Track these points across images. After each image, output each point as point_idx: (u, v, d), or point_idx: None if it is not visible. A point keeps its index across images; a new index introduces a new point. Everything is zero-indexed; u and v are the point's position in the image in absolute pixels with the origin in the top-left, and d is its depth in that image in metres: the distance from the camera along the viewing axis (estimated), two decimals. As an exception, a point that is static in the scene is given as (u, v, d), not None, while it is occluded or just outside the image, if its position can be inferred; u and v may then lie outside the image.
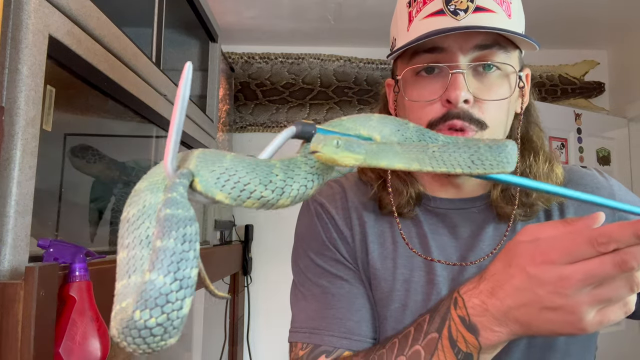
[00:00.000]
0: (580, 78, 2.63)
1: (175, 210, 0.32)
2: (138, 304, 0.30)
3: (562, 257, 0.41)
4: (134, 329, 0.30)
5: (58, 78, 0.79)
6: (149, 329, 0.30)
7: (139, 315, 0.30)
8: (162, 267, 0.30)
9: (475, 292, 0.49)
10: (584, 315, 0.42)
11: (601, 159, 2.42)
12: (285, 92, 2.60)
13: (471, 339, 0.48)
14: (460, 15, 0.60)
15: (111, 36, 0.96)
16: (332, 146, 0.38)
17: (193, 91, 1.78)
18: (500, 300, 0.46)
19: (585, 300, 0.41)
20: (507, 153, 0.40)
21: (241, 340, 2.42)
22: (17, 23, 0.68)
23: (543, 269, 0.42)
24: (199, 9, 1.66)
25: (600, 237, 0.39)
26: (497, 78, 0.63)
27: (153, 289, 0.30)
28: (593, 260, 0.40)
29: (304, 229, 0.74)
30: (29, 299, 0.62)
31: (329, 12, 2.23)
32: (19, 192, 0.67)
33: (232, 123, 2.55)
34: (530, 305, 0.44)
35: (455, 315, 0.50)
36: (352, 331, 0.65)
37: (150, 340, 0.31)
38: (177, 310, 0.31)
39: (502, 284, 0.46)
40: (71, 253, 0.72)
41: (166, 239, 0.31)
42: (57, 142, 0.93)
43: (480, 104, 0.61)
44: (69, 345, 0.67)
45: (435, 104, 0.62)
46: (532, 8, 2.21)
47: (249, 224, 2.48)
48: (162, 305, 0.30)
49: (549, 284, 0.42)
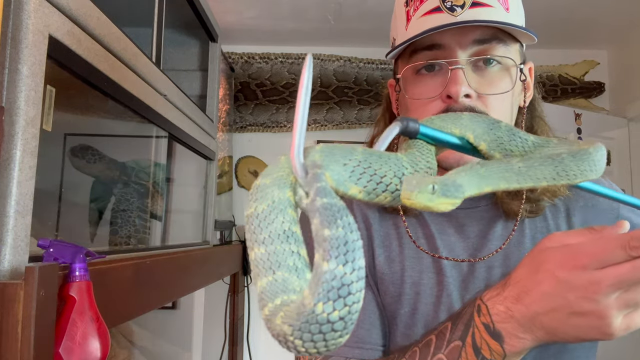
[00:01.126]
0: (580, 78, 2.63)
1: (331, 199, 0.30)
2: (320, 296, 0.27)
3: (593, 262, 0.41)
4: (315, 324, 0.28)
5: (58, 78, 0.79)
6: (331, 324, 0.28)
7: (321, 308, 0.27)
8: (339, 256, 0.28)
9: (499, 298, 0.48)
10: (612, 320, 0.41)
11: (601, 159, 2.42)
12: (285, 92, 2.60)
13: (496, 347, 0.48)
14: (457, 11, 0.60)
15: (111, 36, 0.96)
16: (427, 192, 0.34)
17: (193, 91, 1.78)
18: (526, 307, 0.45)
19: (614, 305, 0.41)
20: (591, 161, 0.38)
21: (241, 340, 2.42)
22: (17, 23, 0.68)
23: (574, 273, 0.42)
24: (199, 9, 1.66)
25: (633, 240, 0.39)
26: (498, 72, 0.63)
27: (334, 279, 0.28)
28: (625, 264, 0.40)
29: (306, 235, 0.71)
30: (29, 299, 0.62)
31: (329, 12, 2.23)
32: (19, 192, 0.67)
33: (232, 123, 2.55)
34: (559, 311, 0.43)
35: (479, 322, 0.49)
36: (363, 340, 0.63)
37: (330, 337, 0.28)
38: (357, 302, 0.28)
39: (529, 289, 0.46)
40: (71, 253, 0.72)
41: (334, 228, 0.29)
42: (57, 142, 0.93)
43: (483, 99, 0.61)
44: (69, 345, 0.66)
45: (436, 100, 0.62)
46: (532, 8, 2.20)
47: (249, 224, 2.48)
48: (344, 296, 0.27)
49: (579, 288, 0.42)
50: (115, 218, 1.14)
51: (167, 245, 1.42)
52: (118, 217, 1.15)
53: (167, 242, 1.44)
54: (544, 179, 0.38)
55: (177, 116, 1.38)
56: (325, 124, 2.61)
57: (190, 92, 1.55)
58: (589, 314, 0.42)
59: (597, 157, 0.39)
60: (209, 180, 1.84)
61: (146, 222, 1.28)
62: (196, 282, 1.50)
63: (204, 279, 1.60)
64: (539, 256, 0.46)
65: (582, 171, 0.38)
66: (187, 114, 1.48)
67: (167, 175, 1.45)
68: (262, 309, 0.32)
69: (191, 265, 1.41)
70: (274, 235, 0.35)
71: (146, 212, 1.28)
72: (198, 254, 1.53)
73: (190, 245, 1.59)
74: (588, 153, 0.39)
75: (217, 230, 2.08)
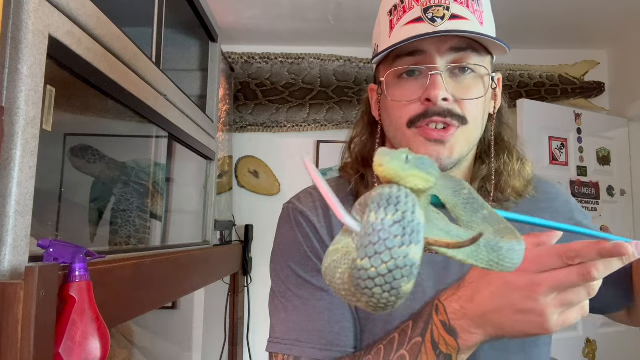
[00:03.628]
0: (580, 78, 2.63)
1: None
2: (367, 247, 0.29)
3: (535, 267, 0.48)
4: (368, 279, 0.29)
5: (58, 78, 0.79)
6: (382, 276, 0.29)
7: (361, 263, 0.29)
8: (380, 210, 0.29)
9: (454, 298, 0.54)
10: (549, 317, 0.48)
11: (601, 159, 2.42)
12: (285, 92, 2.60)
13: (451, 341, 0.53)
14: (437, 22, 0.66)
15: (111, 36, 0.96)
16: (400, 161, 0.33)
17: (193, 91, 1.78)
18: (478, 305, 0.52)
19: (552, 304, 0.47)
20: (512, 254, 0.39)
21: (241, 340, 2.42)
22: (17, 23, 0.68)
23: (518, 276, 0.48)
24: (199, 9, 1.66)
25: (569, 252, 0.46)
26: (473, 79, 0.68)
27: (384, 229, 0.29)
28: (561, 270, 0.47)
29: (285, 238, 0.74)
30: (29, 299, 0.62)
31: (329, 12, 2.23)
32: (19, 192, 0.67)
33: (232, 123, 2.55)
34: (505, 309, 0.50)
35: (437, 320, 0.55)
36: (332, 343, 0.66)
37: (394, 284, 0.29)
38: (405, 254, 0.29)
39: (480, 290, 0.52)
40: (71, 253, 0.72)
41: (378, 190, 0.31)
42: (57, 142, 0.93)
43: (459, 103, 0.67)
44: (69, 345, 0.67)
45: (416, 102, 0.67)
46: (532, 8, 2.21)
47: (249, 224, 2.49)
48: (381, 252, 0.29)
49: (522, 289, 0.48)
50: (115, 218, 1.15)
51: (167, 245, 1.42)
52: (118, 217, 1.15)
53: (167, 242, 1.44)
54: (467, 257, 0.39)
55: (177, 116, 1.38)
56: (325, 124, 2.61)
57: (190, 92, 1.55)
58: (530, 312, 0.48)
59: (518, 252, 0.39)
60: (209, 180, 1.84)
61: (146, 222, 1.28)
62: (196, 282, 1.50)
63: (204, 279, 1.60)
64: None
65: (500, 262, 0.39)
66: (187, 114, 1.48)
67: (167, 175, 1.45)
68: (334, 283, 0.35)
69: (191, 265, 1.41)
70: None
71: (146, 212, 1.28)
72: (198, 254, 1.53)
73: (190, 245, 1.59)
74: (513, 249, 0.39)
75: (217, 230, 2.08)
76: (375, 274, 0.29)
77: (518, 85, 2.60)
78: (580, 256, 0.46)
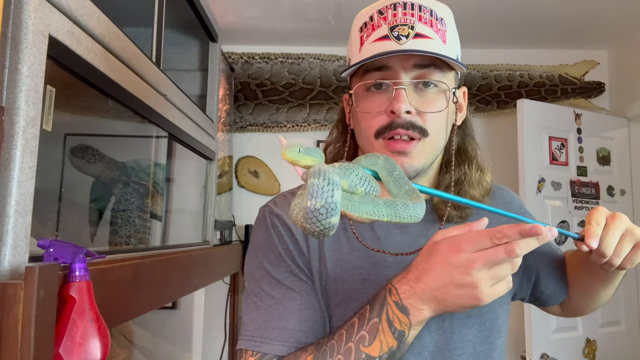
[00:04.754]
0: (580, 78, 2.63)
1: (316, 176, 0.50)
2: (305, 219, 0.48)
3: (470, 247, 0.57)
4: (309, 213, 0.48)
5: (58, 78, 0.79)
6: (313, 232, 0.49)
7: (308, 226, 0.49)
8: (311, 196, 0.48)
9: (404, 280, 0.62)
10: (482, 289, 0.57)
11: (601, 159, 2.42)
12: (285, 92, 2.60)
13: (404, 319, 0.61)
14: (402, 40, 0.71)
15: (111, 36, 0.96)
16: (295, 151, 0.52)
17: (193, 91, 1.78)
18: (424, 283, 0.60)
19: (483, 277, 0.57)
20: (412, 209, 0.55)
21: (241, 340, 2.42)
22: (17, 23, 0.68)
23: (457, 255, 0.57)
24: (199, 9, 1.66)
25: (497, 233, 0.56)
26: (435, 94, 0.74)
27: (308, 212, 0.48)
28: (491, 249, 0.56)
29: (260, 239, 0.78)
30: (29, 299, 0.62)
31: (329, 12, 2.23)
32: (19, 192, 0.67)
33: (232, 123, 2.55)
34: (447, 286, 0.58)
35: (391, 300, 0.62)
36: (300, 341, 0.70)
37: (322, 218, 0.48)
38: (327, 222, 0.48)
39: (426, 271, 0.60)
40: (71, 253, 0.72)
41: (313, 178, 0.49)
42: (57, 142, 0.93)
43: (422, 115, 0.73)
44: (69, 345, 0.67)
45: (382, 114, 0.73)
46: (532, 8, 2.21)
47: (249, 224, 2.49)
48: (315, 222, 0.48)
49: (460, 266, 0.57)
50: (115, 218, 1.15)
51: (167, 245, 1.42)
52: (118, 217, 1.15)
53: (167, 242, 1.44)
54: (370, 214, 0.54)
55: (177, 116, 1.38)
56: (325, 124, 2.61)
57: (190, 92, 1.55)
58: (467, 285, 0.57)
59: (412, 207, 0.55)
60: (209, 180, 1.84)
61: (146, 222, 1.28)
62: (196, 282, 1.50)
63: (204, 279, 1.60)
64: (432, 247, 0.61)
65: (398, 214, 0.54)
66: (187, 114, 1.48)
67: (167, 175, 1.45)
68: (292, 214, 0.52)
69: (191, 265, 1.41)
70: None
71: (146, 212, 1.28)
72: (198, 254, 1.53)
73: (190, 245, 1.60)
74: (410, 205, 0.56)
75: (217, 230, 2.08)
76: (314, 209, 0.48)
77: (518, 85, 2.61)
78: (505, 236, 0.56)
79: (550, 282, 0.87)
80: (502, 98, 2.62)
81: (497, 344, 0.78)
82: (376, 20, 0.74)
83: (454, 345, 0.74)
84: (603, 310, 2.25)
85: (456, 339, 0.74)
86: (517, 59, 2.63)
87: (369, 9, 0.77)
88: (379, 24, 0.74)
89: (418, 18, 0.72)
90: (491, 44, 2.59)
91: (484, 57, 2.61)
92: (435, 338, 0.73)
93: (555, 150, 2.29)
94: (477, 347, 0.75)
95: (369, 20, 0.75)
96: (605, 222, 0.67)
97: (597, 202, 2.36)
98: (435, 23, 0.73)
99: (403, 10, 0.73)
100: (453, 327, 0.74)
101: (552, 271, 0.87)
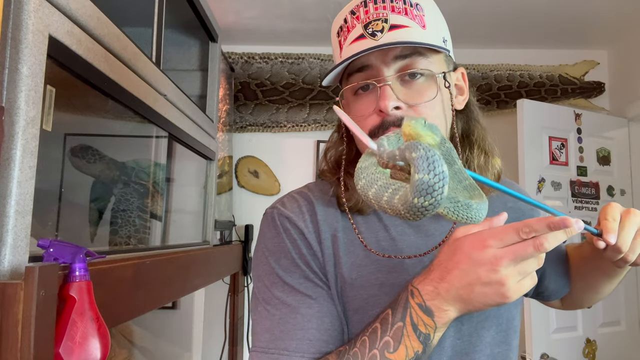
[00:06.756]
0: (580, 78, 2.63)
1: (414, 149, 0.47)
2: (415, 194, 0.45)
3: (496, 243, 0.54)
4: (414, 208, 0.46)
5: (58, 78, 0.79)
6: (424, 208, 0.46)
7: (417, 201, 0.46)
8: (424, 169, 0.44)
9: (427, 281, 0.59)
10: (509, 286, 0.54)
11: (601, 159, 2.42)
12: (285, 92, 2.60)
13: (428, 321, 0.58)
14: (377, 35, 0.68)
15: (111, 36, 0.96)
16: (420, 124, 0.50)
17: (193, 91, 1.78)
18: (448, 283, 0.56)
19: (510, 274, 0.53)
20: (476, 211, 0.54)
21: (241, 340, 2.42)
22: (17, 23, 0.68)
23: (482, 252, 0.54)
24: (199, 9, 1.66)
25: (524, 227, 0.53)
26: (424, 82, 0.70)
27: (423, 184, 0.45)
28: (519, 244, 0.53)
29: (270, 243, 0.73)
30: (29, 299, 0.62)
31: (328, 12, 2.23)
32: (19, 192, 0.67)
33: (232, 123, 2.55)
34: (473, 284, 0.55)
35: (414, 303, 0.59)
36: (321, 351, 0.66)
37: (426, 212, 0.46)
38: (441, 194, 0.45)
39: (450, 269, 0.57)
40: (71, 253, 0.72)
41: (416, 152, 0.45)
42: (57, 142, 0.93)
43: (414, 108, 0.69)
44: (69, 345, 0.67)
45: (373, 115, 0.70)
46: (533, 8, 2.21)
47: (249, 224, 2.49)
48: (430, 193, 0.45)
49: (487, 263, 0.54)
50: (115, 218, 1.15)
51: (167, 245, 1.42)
52: (118, 217, 1.15)
53: (167, 242, 1.44)
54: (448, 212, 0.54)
55: (177, 116, 1.38)
56: (325, 124, 2.61)
57: (190, 92, 1.55)
58: (494, 283, 0.54)
59: (481, 210, 0.54)
60: (209, 180, 1.84)
61: (146, 222, 1.28)
62: (196, 282, 1.50)
63: (204, 279, 1.60)
64: (453, 244, 0.58)
65: (471, 217, 0.54)
66: (187, 114, 1.48)
67: (167, 175, 1.45)
68: (367, 194, 0.52)
69: (191, 265, 1.41)
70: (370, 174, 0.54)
71: (146, 212, 1.28)
72: (198, 254, 1.53)
73: (190, 245, 1.60)
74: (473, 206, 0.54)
75: (217, 230, 2.08)
76: (421, 206, 0.46)
77: (518, 85, 2.60)
78: (533, 230, 0.53)
79: (554, 276, 0.86)
80: (502, 98, 2.62)
81: (513, 345, 0.76)
82: (350, 22, 0.72)
83: (472, 348, 0.71)
84: (603, 310, 2.25)
85: (474, 341, 0.71)
86: (517, 59, 2.63)
87: (342, 12, 0.75)
88: (353, 24, 0.72)
89: (391, 9, 0.70)
90: (491, 44, 2.59)
91: (484, 57, 2.61)
92: (453, 342, 0.70)
93: (555, 150, 2.29)
94: (494, 349, 0.73)
95: (343, 23, 0.74)
96: (620, 218, 0.64)
97: (597, 202, 2.36)
98: (410, 10, 0.70)
99: (374, 5, 0.70)
100: (471, 330, 0.71)
101: (557, 266, 0.86)
